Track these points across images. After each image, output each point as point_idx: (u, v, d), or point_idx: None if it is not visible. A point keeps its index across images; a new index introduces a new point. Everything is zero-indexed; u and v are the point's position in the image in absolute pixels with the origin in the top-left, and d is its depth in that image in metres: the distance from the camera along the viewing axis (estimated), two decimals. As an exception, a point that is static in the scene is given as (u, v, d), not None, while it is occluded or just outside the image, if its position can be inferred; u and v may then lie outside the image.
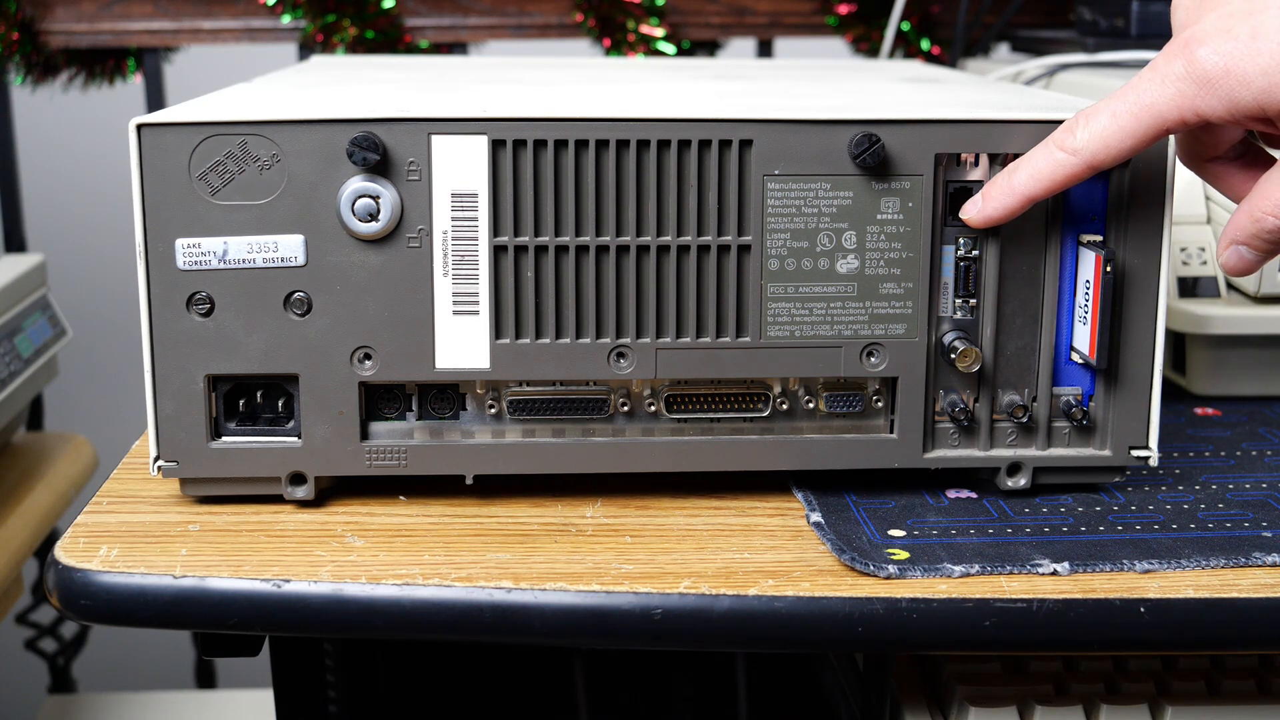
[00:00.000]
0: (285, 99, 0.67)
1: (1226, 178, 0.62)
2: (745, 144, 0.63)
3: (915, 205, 0.64)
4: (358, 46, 1.24)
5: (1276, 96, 0.54)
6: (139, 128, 0.61)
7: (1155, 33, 1.03)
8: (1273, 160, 0.60)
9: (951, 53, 1.20)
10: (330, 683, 1.00)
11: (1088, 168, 0.59)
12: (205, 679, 1.52)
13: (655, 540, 0.63)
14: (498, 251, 0.63)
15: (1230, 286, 0.82)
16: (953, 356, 0.64)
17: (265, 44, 1.27)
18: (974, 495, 0.68)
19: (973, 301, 0.66)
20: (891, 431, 0.66)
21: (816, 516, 0.64)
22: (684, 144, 0.63)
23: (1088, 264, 0.64)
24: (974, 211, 0.63)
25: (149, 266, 0.62)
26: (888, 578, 0.59)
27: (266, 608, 0.58)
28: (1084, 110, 0.59)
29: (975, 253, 0.65)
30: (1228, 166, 0.62)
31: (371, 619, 0.58)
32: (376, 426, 0.66)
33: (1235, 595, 0.58)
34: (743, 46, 1.34)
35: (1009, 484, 0.67)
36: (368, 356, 0.64)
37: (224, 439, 0.64)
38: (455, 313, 0.63)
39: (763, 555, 0.61)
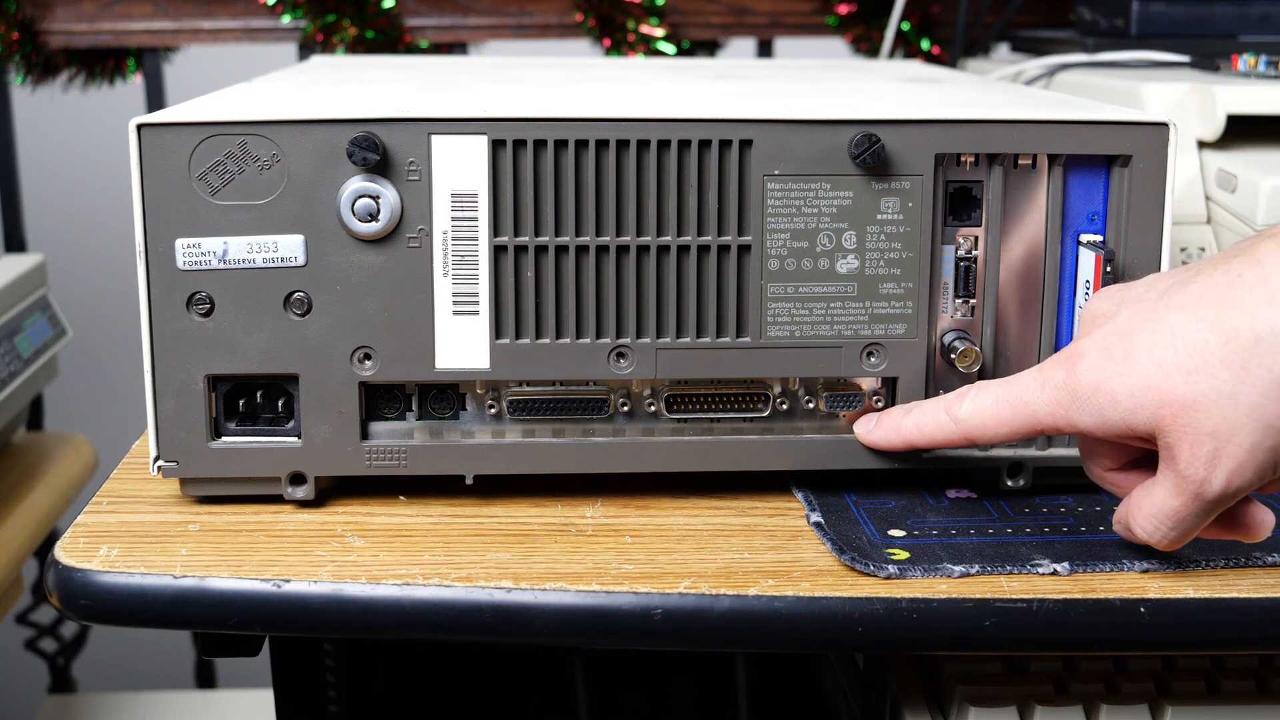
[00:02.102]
0: (285, 99, 0.67)
1: (1126, 485, 0.60)
2: (745, 144, 0.63)
3: (915, 205, 0.64)
4: (358, 46, 1.24)
5: (1143, 417, 0.54)
6: (139, 128, 0.61)
7: (1155, 33, 1.03)
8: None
9: (951, 53, 1.20)
10: (330, 683, 1.00)
11: (964, 439, 0.61)
12: (205, 679, 1.52)
13: (655, 540, 0.63)
14: (498, 251, 0.63)
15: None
16: (953, 356, 0.64)
17: (265, 44, 1.27)
18: (974, 495, 0.67)
19: (973, 301, 0.66)
20: (891, 431, 0.66)
21: (816, 516, 0.64)
22: (684, 144, 0.63)
23: (1088, 264, 0.64)
24: (863, 431, 0.65)
25: (149, 266, 0.62)
26: (888, 578, 0.59)
27: (266, 608, 0.58)
28: (982, 382, 0.61)
29: (975, 253, 0.65)
30: (1127, 475, 0.60)
31: (371, 619, 0.58)
32: (376, 426, 0.66)
33: (1235, 595, 0.58)
34: (743, 46, 1.34)
35: (1009, 484, 0.67)
36: (368, 356, 0.64)
37: (224, 439, 0.64)
38: (455, 313, 0.63)
39: (763, 555, 0.61)
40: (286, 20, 1.25)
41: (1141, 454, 0.59)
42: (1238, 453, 0.53)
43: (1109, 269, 0.63)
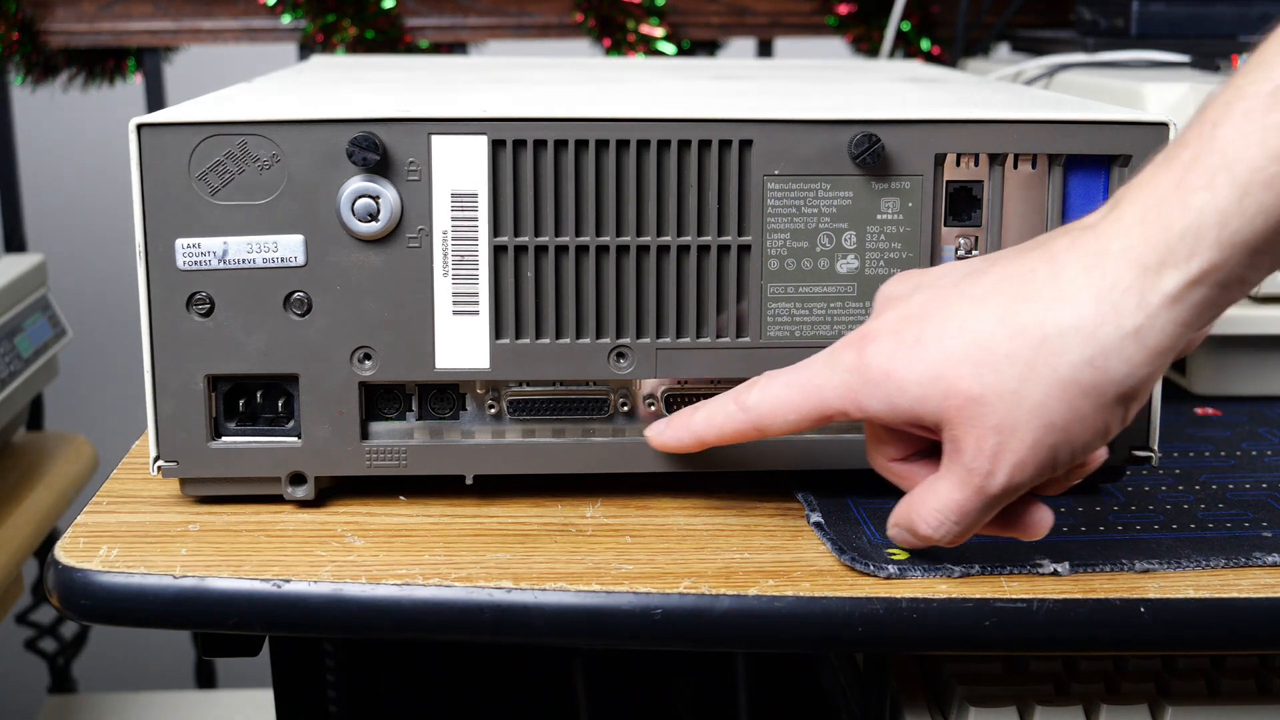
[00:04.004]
0: (285, 99, 0.67)
1: (910, 477, 0.59)
2: (745, 144, 0.63)
3: (915, 205, 0.64)
4: (358, 46, 1.24)
5: (929, 407, 0.54)
6: (139, 128, 0.61)
7: (1155, 33, 1.03)
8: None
9: (951, 53, 1.20)
10: (330, 683, 1.00)
11: (754, 429, 0.59)
12: (205, 679, 1.52)
13: (655, 540, 0.63)
14: (498, 251, 0.63)
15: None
16: (953, 356, 0.64)
17: (265, 44, 1.27)
18: (974, 495, 0.67)
19: (973, 301, 0.65)
20: (891, 431, 0.66)
21: (817, 517, 0.64)
22: (684, 144, 0.63)
23: (1088, 264, 0.64)
24: (655, 433, 0.63)
25: (149, 266, 0.62)
26: (888, 578, 0.59)
27: (266, 608, 0.58)
28: (771, 371, 0.59)
29: (975, 253, 0.65)
30: (912, 466, 0.59)
31: (371, 619, 0.58)
32: (376, 426, 0.66)
33: (1235, 595, 0.58)
34: (743, 46, 1.34)
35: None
36: (368, 356, 0.64)
37: (224, 439, 0.64)
38: (455, 313, 0.63)
39: (763, 555, 0.61)
40: (286, 20, 1.25)
41: (927, 445, 0.58)
42: (1020, 449, 0.52)
43: (1109, 269, 0.63)
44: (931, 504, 0.56)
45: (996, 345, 0.52)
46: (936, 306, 0.54)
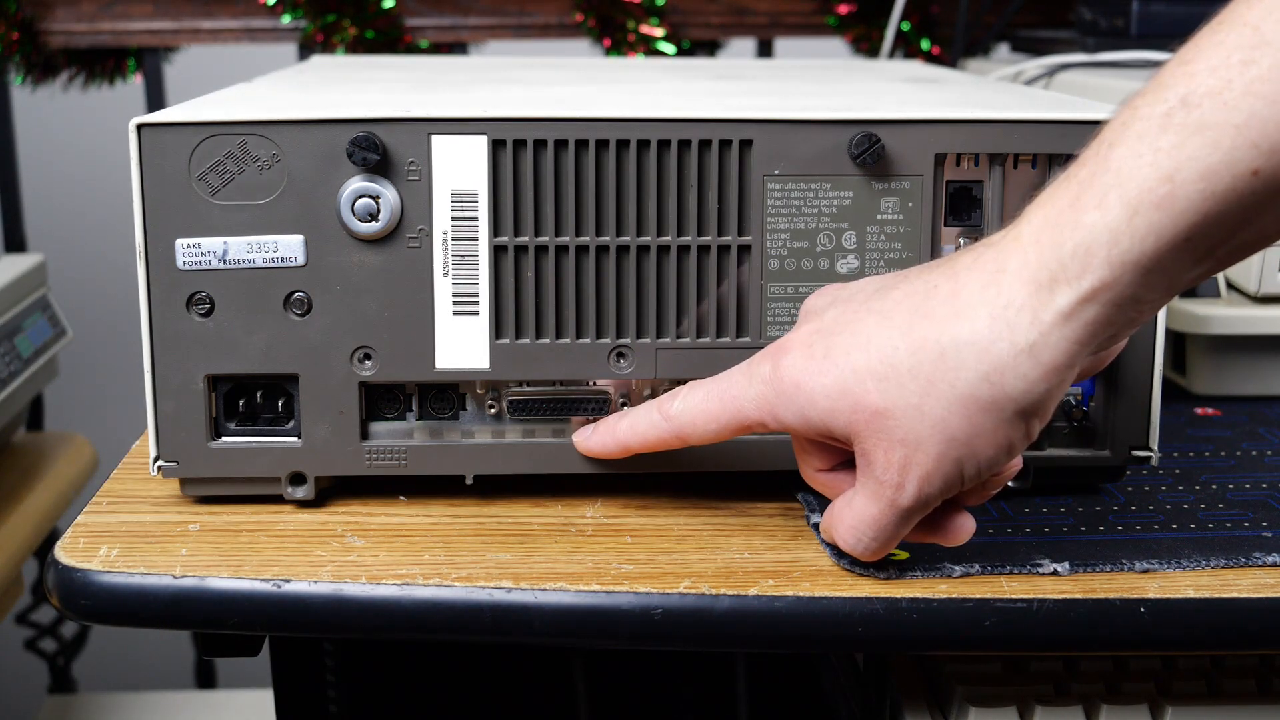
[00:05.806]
0: (285, 99, 0.67)
1: (836, 487, 0.59)
2: (745, 144, 0.63)
3: (915, 205, 0.64)
4: (358, 46, 1.24)
5: (839, 420, 0.54)
6: (139, 128, 0.61)
7: (1155, 32, 1.03)
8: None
9: (951, 53, 1.20)
10: (330, 683, 1.00)
11: (677, 438, 0.60)
12: (205, 679, 1.52)
13: (655, 540, 0.63)
14: (498, 251, 0.63)
15: (1230, 286, 0.82)
16: (953, 356, 0.64)
17: (265, 44, 1.27)
18: (974, 495, 0.67)
19: (973, 301, 0.65)
20: (891, 431, 0.66)
21: (817, 518, 0.64)
22: (684, 144, 0.63)
23: (1088, 264, 0.64)
24: (581, 439, 0.64)
25: (149, 266, 0.62)
26: (888, 578, 0.59)
27: (266, 608, 0.58)
28: (695, 381, 0.60)
29: (975, 253, 0.65)
30: (838, 476, 0.59)
31: (371, 619, 0.58)
32: (376, 426, 0.66)
33: (1235, 595, 0.58)
34: (743, 46, 1.34)
35: (1009, 484, 0.67)
36: (368, 356, 0.64)
37: (224, 439, 0.64)
38: (455, 313, 0.63)
39: (763, 555, 0.61)
40: (286, 20, 1.25)
41: (850, 456, 0.58)
42: (926, 461, 0.53)
43: (1109, 269, 0.63)
44: (849, 519, 0.57)
45: (899, 360, 0.53)
46: (847, 321, 0.55)
